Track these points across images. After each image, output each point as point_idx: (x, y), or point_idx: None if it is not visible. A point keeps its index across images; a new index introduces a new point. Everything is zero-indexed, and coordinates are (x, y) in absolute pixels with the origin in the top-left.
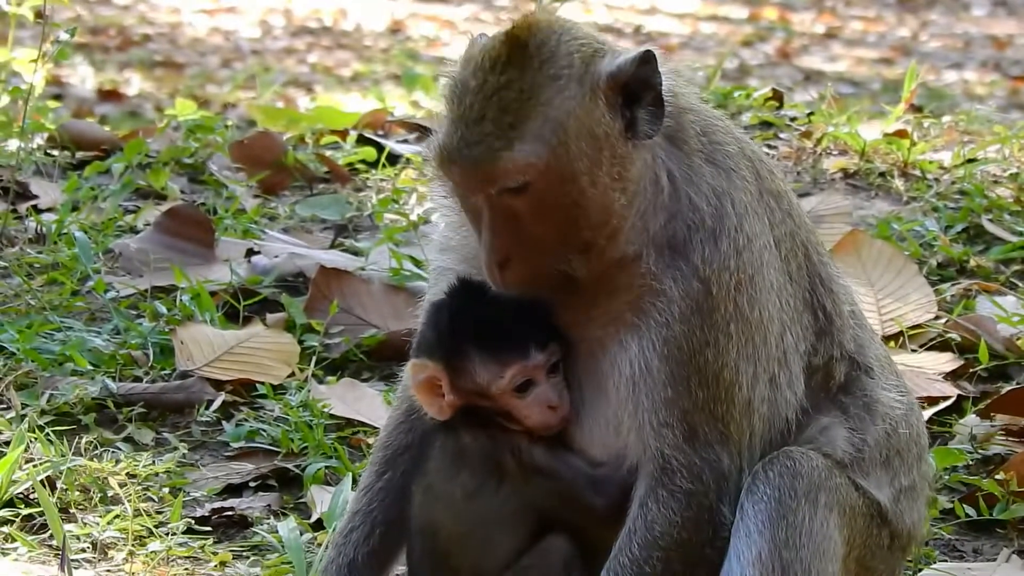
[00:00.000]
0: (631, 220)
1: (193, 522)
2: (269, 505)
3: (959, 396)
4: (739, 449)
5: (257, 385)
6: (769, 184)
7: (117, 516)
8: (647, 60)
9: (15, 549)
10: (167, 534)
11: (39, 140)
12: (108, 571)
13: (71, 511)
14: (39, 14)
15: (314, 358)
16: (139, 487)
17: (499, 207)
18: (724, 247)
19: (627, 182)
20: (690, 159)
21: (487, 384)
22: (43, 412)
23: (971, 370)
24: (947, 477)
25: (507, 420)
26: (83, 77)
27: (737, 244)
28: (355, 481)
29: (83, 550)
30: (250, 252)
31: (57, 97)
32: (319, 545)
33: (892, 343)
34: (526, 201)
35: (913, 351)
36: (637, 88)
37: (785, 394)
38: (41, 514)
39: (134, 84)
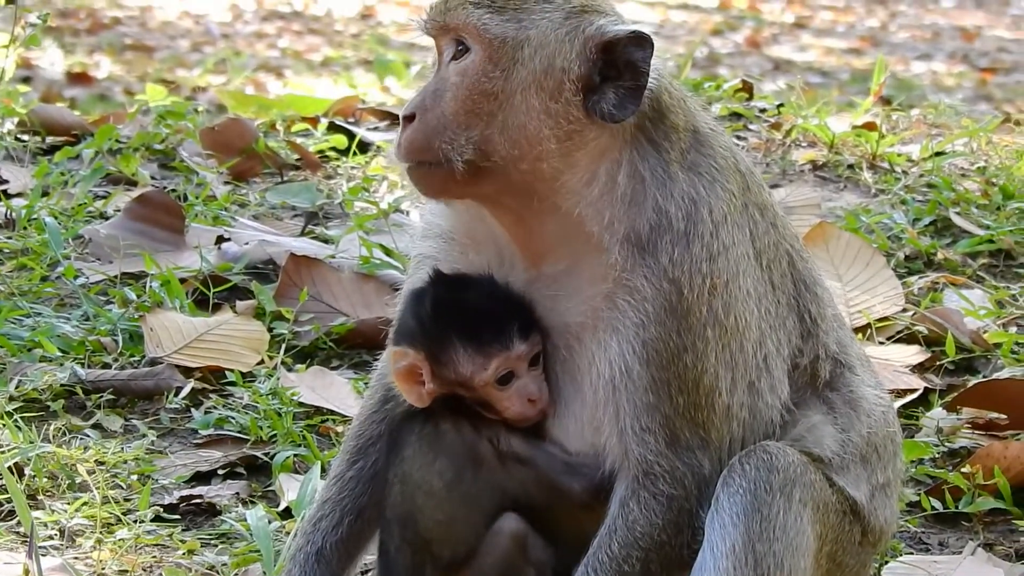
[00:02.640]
0: (564, 180)
1: (161, 510)
2: (237, 493)
3: (926, 389)
4: (719, 455)
5: (226, 372)
6: (756, 197)
7: (85, 503)
8: (641, 42)
9: None
10: (135, 522)
11: (9, 124)
12: (76, 558)
13: (39, 498)
14: None
15: (283, 346)
16: (107, 474)
17: (444, 74)
18: (696, 251)
19: (564, 134)
20: (667, 166)
21: (470, 375)
22: (11, 398)
23: (938, 363)
24: (914, 470)
25: (485, 410)
26: (52, 60)
27: (711, 250)
28: (324, 469)
29: (51, 537)
30: (220, 239)
31: (26, 80)
32: (287, 533)
33: (860, 335)
34: (461, 72)
35: (880, 343)
36: (619, 62)
37: (767, 399)
38: (9, 501)
39: (104, 67)
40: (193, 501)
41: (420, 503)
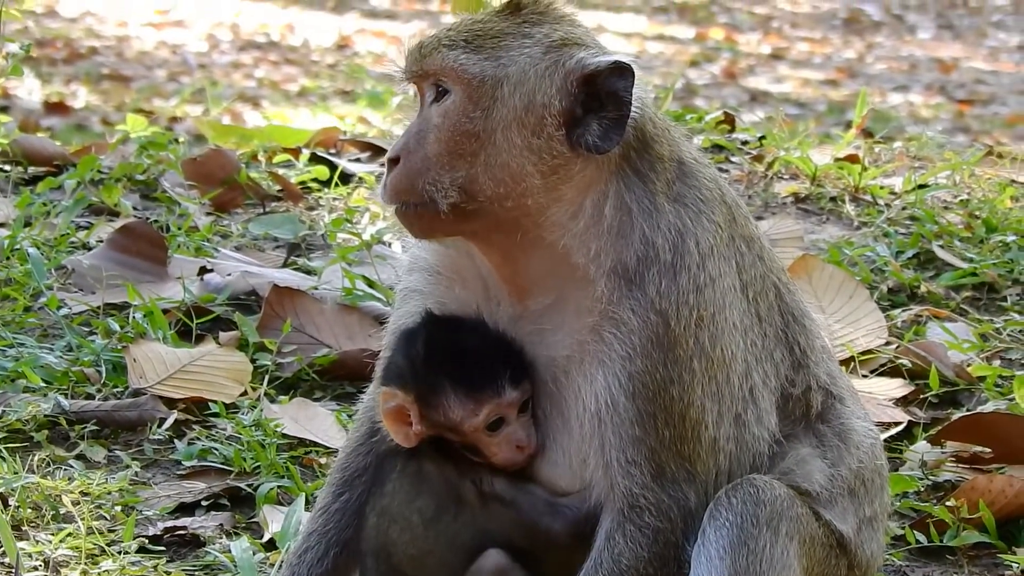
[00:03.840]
0: (549, 214)
1: (146, 541)
2: (221, 524)
3: (910, 422)
4: (706, 488)
5: (209, 403)
6: (742, 229)
7: (70, 534)
8: (622, 71)
9: None
10: (120, 553)
11: None
12: None
13: (23, 528)
14: None
15: (267, 377)
16: (92, 505)
17: (426, 115)
18: (683, 283)
19: (549, 169)
20: (653, 197)
21: (460, 420)
22: None
23: (921, 396)
24: (898, 503)
25: (473, 454)
26: (30, 89)
27: (698, 281)
28: (307, 501)
29: (36, 568)
30: (203, 270)
31: (3, 109)
32: (271, 565)
33: (843, 368)
34: (443, 113)
35: (864, 376)
36: (601, 93)
37: (753, 430)
38: None
39: (81, 97)
40: (177, 532)
41: (395, 537)
